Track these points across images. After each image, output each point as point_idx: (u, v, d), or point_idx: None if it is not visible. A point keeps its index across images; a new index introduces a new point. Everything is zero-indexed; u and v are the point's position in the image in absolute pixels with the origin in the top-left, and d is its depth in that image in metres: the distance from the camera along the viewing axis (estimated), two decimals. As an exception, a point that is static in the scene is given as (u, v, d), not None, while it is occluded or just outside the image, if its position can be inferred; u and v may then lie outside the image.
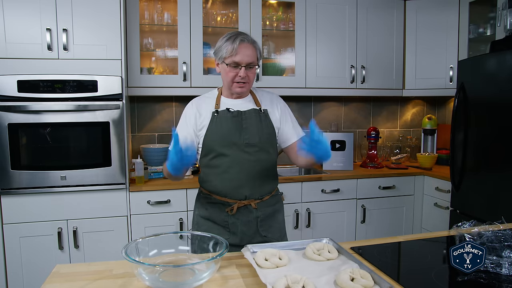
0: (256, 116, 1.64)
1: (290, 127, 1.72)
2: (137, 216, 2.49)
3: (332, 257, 1.20)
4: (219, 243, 1.13)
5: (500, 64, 2.30)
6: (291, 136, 1.72)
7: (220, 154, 1.59)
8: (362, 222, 2.94)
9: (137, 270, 1.01)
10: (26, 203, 2.33)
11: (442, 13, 3.08)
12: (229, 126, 1.59)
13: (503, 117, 2.29)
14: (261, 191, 1.64)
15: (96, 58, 2.39)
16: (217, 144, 1.59)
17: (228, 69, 1.58)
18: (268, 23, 3.04)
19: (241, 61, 1.55)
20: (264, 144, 1.63)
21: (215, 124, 1.60)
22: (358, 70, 3.11)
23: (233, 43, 1.55)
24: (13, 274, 2.34)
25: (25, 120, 2.29)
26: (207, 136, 1.60)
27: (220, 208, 1.62)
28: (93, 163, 2.40)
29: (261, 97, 1.72)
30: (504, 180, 2.29)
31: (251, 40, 1.59)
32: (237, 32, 1.61)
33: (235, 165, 1.57)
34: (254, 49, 1.59)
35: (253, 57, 1.58)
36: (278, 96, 1.78)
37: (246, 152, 1.59)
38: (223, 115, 1.61)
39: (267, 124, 1.66)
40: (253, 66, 1.59)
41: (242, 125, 1.61)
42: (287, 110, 1.75)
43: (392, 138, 3.63)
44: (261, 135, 1.62)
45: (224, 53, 1.57)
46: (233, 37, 1.56)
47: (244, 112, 1.63)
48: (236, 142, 1.59)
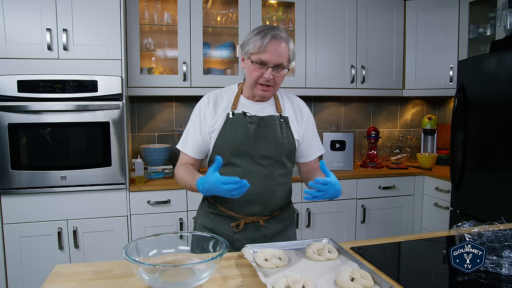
0: (275, 124, 1.46)
1: (310, 142, 1.56)
2: (137, 216, 2.49)
3: (332, 257, 1.20)
4: (219, 243, 1.13)
5: (500, 64, 2.30)
6: (309, 153, 1.56)
7: (230, 163, 1.42)
8: (362, 222, 2.94)
9: (137, 270, 1.01)
10: (26, 203, 2.33)
11: (442, 13, 3.08)
12: (243, 134, 1.41)
13: (503, 117, 2.29)
14: (272, 207, 1.48)
15: (96, 58, 2.39)
16: (228, 153, 1.41)
17: (253, 67, 1.38)
18: (268, 23, 3.04)
19: (268, 61, 1.35)
20: (280, 157, 1.45)
21: (228, 128, 1.42)
22: (358, 70, 3.11)
23: (263, 38, 1.34)
24: (13, 274, 2.34)
25: (25, 120, 2.29)
26: (217, 141, 1.43)
27: (225, 222, 1.47)
28: (93, 163, 2.40)
29: (284, 102, 1.53)
30: (504, 180, 2.29)
31: (284, 37, 1.38)
32: (271, 26, 1.41)
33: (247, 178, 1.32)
34: (287, 48, 1.38)
35: (284, 57, 1.37)
36: (302, 103, 1.60)
37: (259, 165, 1.42)
38: (238, 119, 1.43)
39: (287, 135, 1.47)
40: (282, 68, 1.38)
41: (259, 134, 1.43)
42: (311, 120, 1.58)
43: (392, 138, 3.63)
44: (278, 147, 1.44)
45: (251, 48, 1.36)
46: (264, 32, 1.36)
47: (262, 118, 1.45)
48: (250, 153, 1.41)
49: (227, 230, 1.45)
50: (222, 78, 2.87)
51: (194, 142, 1.47)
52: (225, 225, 1.46)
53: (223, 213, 1.47)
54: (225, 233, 1.45)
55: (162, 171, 2.72)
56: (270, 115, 1.47)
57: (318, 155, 1.59)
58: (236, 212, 1.45)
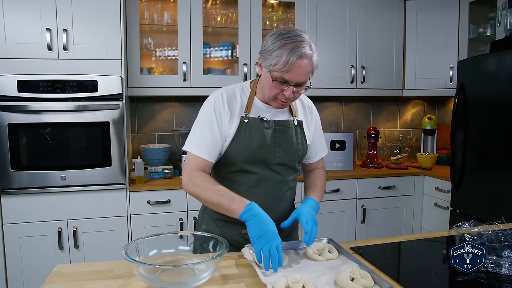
0: (291, 130, 1.39)
1: (317, 143, 1.51)
2: (137, 216, 2.49)
3: (332, 257, 1.20)
4: (219, 243, 1.13)
5: (500, 64, 2.30)
6: (315, 154, 1.52)
7: (244, 170, 1.34)
8: (362, 222, 2.94)
9: (137, 270, 1.01)
10: (26, 203, 2.33)
11: (442, 13, 3.08)
12: (260, 140, 1.32)
13: (503, 117, 2.29)
14: (283, 212, 1.42)
15: (96, 58, 2.39)
16: (242, 159, 1.33)
17: (274, 84, 1.24)
18: (268, 23, 3.04)
19: (291, 80, 1.23)
20: (294, 163, 1.41)
21: (244, 134, 1.32)
22: (358, 70, 3.11)
23: (288, 56, 1.18)
24: (13, 274, 2.34)
25: (25, 120, 2.29)
26: (231, 147, 1.32)
27: (235, 228, 1.38)
28: (93, 163, 2.40)
29: (298, 104, 1.46)
30: (504, 180, 2.29)
31: (310, 54, 1.21)
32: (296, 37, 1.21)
33: (261, 186, 1.30)
34: (311, 65, 1.23)
35: (307, 75, 1.24)
36: (311, 102, 1.53)
37: (274, 172, 1.36)
38: (253, 124, 1.33)
39: (302, 140, 1.41)
40: (303, 85, 1.26)
41: (275, 140, 1.35)
42: (319, 122, 1.52)
43: (392, 138, 3.63)
44: (293, 153, 1.38)
45: (273, 63, 1.21)
46: (290, 47, 1.18)
47: (279, 123, 1.36)
48: (266, 160, 1.34)
49: (236, 237, 1.38)
50: (222, 78, 2.87)
51: (211, 144, 1.31)
52: (235, 232, 1.39)
53: (231, 219, 1.33)
54: (234, 239, 1.38)
55: (162, 171, 2.72)
56: (286, 119, 1.39)
57: (323, 156, 1.55)
58: None
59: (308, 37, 1.25)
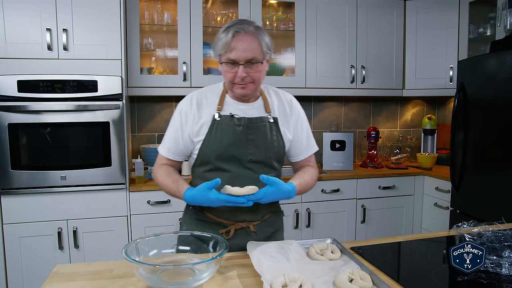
0: (265, 126, 1.37)
1: (302, 140, 1.47)
2: (137, 216, 2.49)
3: (334, 257, 1.20)
4: (219, 243, 1.13)
5: (500, 64, 2.30)
6: (301, 152, 1.49)
7: (217, 168, 1.35)
8: (362, 222, 2.94)
9: (137, 270, 1.01)
10: (26, 203, 2.33)
11: (442, 13, 3.08)
12: (231, 138, 1.33)
13: (503, 117, 2.29)
14: (262, 212, 1.41)
15: (96, 58, 2.39)
16: (215, 158, 1.34)
17: (225, 68, 1.30)
18: (268, 23, 3.04)
19: (238, 58, 1.26)
20: (270, 160, 1.38)
21: (215, 132, 1.34)
22: (358, 70, 3.11)
23: (227, 34, 1.25)
24: (13, 274, 2.34)
25: (25, 120, 2.29)
26: (204, 146, 1.35)
27: (213, 229, 1.38)
28: (93, 163, 2.40)
29: (273, 100, 1.44)
30: (504, 180, 2.29)
31: (251, 30, 1.27)
32: (237, 20, 1.30)
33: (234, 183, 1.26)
34: (256, 41, 1.27)
35: (255, 51, 1.26)
36: (293, 99, 1.50)
37: (249, 169, 1.35)
38: (225, 122, 1.35)
39: (277, 137, 1.39)
40: (256, 63, 1.28)
41: (247, 137, 1.35)
42: (302, 118, 1.48)
43: (392, 138, 3.63)
44: (268, 150, 1.37)
45: (218, 49, 1.28)
46: (228, 28, 1.27)
47: (251, 120, 1.36)
48: (239, 158, 1.34)
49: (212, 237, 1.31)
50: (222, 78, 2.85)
51: (173, 145, 1.40)
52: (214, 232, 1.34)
53: (211, 219, 1.40)
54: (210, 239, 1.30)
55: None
56: (259, 116, 1.38)
57: (310, 153, 1.51)
58: (225, 219, 1.38)
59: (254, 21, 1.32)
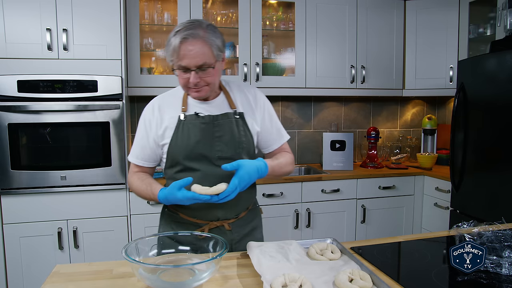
0: (231, 122, 1.37)
1: (271, 131, 1.47)
2: (137, 216, 2.49)
3: (334, 257, 1.19)
4: (219, 243, 1.13)
5: (500, 64, 2.30)
6: (272, 142, 1.49)
7: (187, 168, 1.36)
8: (362, 222, 2.94)
9: (137, 270, 1.01)
10: (26, 203, 2.33)
11: (442, 13, 3.08)
12: (197, 136, 1.33)
13: (503, 117, 2.29)
14: (236, 209, 1.40)
15: (96, 58, 2.39)
16: (183, 157, 1.34)
17: (178, 73, 1.28)
18: (268, 23, 3.04)
19: (188, 65, 1.24)
20: (239, 156, 1.38)
21: (181, 132, 1.34)
22: (358, 70, 3.11)
23: (174, 42, 1.23)
24: (13, 274, 2.34)
25: (25, 120, 2.29)
26: (171, 147, 1.36)
27: (188, 229, 1.37)
28: (93, 163, 2.40)
29: (236, 96, 1.44)
30: (504, 180, 2.29)
31: (200, 34, 1.23)
32: (186, 23, 1.26)
33: (205, 182, 1.26)
34: (205, 45, 1.24)
35: (205, 56, 1.24)
36: (257, 90, 1.50)
37: (218, 166, 1.31)
38: (190, 121, 1.34)
39: (244, 131, 1.39)
40: (207, 68, 1.26)
41: (214, 134, 1.35)
42: (268, 109, 1.48)
43: (392, 138, 3.63)
44: (236, 145, 1.37)
45: (169, 55, 1.26)
46: (177, 33, 1.24)
47: (217, 117, 1.36)
48: (207, 155, 1.34)
49: (190, 238, 1.26)
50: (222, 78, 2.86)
51: (140, 152, 1.43)
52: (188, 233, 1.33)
53: (185, 220, 1.40)
54: (189, 240, 1.25)
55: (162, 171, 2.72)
56: (224, 113, 1.38)
57: (281, 143, 1.50)
58: (198, 218, 1.38)
59: (205, 21, 1.29)
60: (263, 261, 1.12)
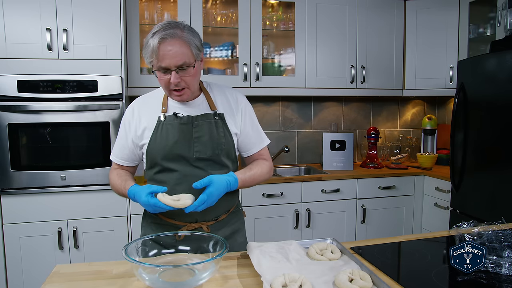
0: (210, 123, 1.37)
1: (250, 134, 1.46)
2: (137, 216, 2.49)
3: (334, 257, 1.19)
4: (219, 243, 1.13)
5: (500, 64, 2.30)
6: (252, 145, 1.47)
7: (165, 169, 1.36)
8: (362, 222, 2.94)
9: (137, 270, 1.01)
10: (26, 203, 2.33)
11: (442, 13, 3.08)
12: (176, 137, 1.33)
13: (503, 117, 2.29)
14: (215, 212, 1.38)
15: (96, 58, 2.39)
16: (161, 158, 1.35)
17: (158, 75, 1.29)
18: (268, 23, 3.04)
19: (168, 65, 1.24)
20: (218, 157, 1.37)
21: (160, 133, 1.35)
22: (358, 70, 3.11)
23: (152, 42, 1.22)
24: (13, 274, 2.34)
25: (25, 120, 2.29)
26: (150, 148, 1.36)
27: (168, 230, 1.35)
28: (93, 163, 2.40)
29: (217, 97, 1.43)
30: (504, 180, 2.28)
31: (178, 33, 1.24)
32: (164, 24, 1.26)
33: (184, 183, 1.28)
34: (184, 45, 1.24)
35: (184, 56, 1.24)
36: (238, 93, 1.48)
37: (196, 167, 1.34)
38: (169, 122, 1.35)
39: (224, 133, 1.38)
40: (187, 67, 1.27)
41: (193, 135, 1.35)
42: (248, 112, 1.46)
43: (392, 138, 3.63)
44: (215, 146, 1.36)
45: (148, 56, 1.26)
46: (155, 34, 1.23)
47: (196, 118, 1.36)
48: (185, 156, 1.34)
49: (170, 240, 1.24)
50: (222, 78, 2.87)
51: (120, 151, 1.47)
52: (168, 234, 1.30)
53: (164, 222, 1.39)
54: (169, 242, 1.23)
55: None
56: (203, 113, 1.38)
57: (261, 147, 1.49)
58: (177, 220, 1.37)
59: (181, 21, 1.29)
60: (263, 261, 1.12)
